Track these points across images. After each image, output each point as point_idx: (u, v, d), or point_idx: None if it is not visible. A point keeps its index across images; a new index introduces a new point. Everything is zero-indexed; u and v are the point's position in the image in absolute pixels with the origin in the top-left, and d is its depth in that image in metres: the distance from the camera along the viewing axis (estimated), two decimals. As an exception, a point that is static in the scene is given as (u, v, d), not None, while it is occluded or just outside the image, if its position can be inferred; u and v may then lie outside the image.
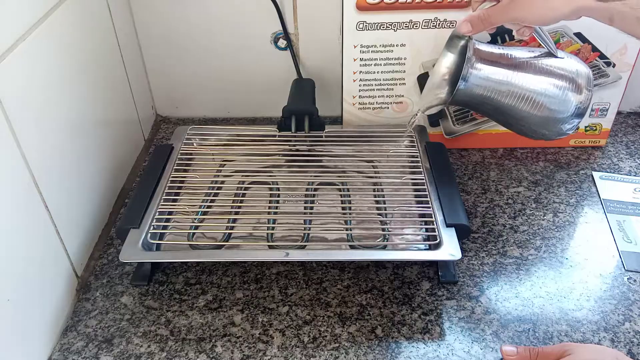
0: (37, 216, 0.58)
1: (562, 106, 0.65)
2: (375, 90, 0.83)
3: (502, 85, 0.65)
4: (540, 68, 0.65)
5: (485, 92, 0.66)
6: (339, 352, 0.59)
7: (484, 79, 0.65)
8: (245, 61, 0.91)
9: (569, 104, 0.65)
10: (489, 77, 0.65)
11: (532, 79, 0.65)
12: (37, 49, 0.59)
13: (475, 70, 0.65)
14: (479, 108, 0.71)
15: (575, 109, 0.65)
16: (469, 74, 0.64)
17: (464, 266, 0.68)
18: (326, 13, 0.84)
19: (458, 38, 0.68)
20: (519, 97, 0.65)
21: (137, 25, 0.88)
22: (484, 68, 0.65)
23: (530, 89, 0.65)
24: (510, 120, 0.69)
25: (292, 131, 0.81)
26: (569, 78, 0.65)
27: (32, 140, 0.57)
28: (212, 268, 0.68)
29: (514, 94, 0.65)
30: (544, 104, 0.65)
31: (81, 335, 0.61)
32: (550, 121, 0.67)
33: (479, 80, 0.65)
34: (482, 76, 0.65)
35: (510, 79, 0.65)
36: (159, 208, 0.69)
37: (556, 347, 0.55)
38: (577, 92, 0.65)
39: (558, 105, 0.65)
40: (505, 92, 0.65)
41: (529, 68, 0.65)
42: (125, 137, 0.84)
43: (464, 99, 0.67)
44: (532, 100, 0.65)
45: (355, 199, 0.75)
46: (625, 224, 0.74)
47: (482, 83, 0.65)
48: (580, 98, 0.65)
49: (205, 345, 0.60)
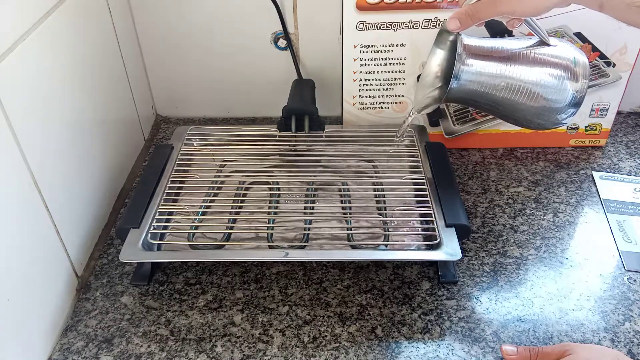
0: (37, 216, 0.58)
1: (559, 95, 0.63)
2: (375, 90, 0.83)
3: (496, 78, 0.63)
4: (534, 58, 0.63)
5: (479, 87, 0.64)
6: (339, 352, 0.59)
7: (477, 74, 0.63)
8: (245, 61, 0.91)
9: (566, 92, 0.63)
10: (482, 72, 0.63)
11: (527, 70, 0.63)
12: (37, 49, 0.59)
13: (466, 67, 0.63)
14: (475, 103, 0.69)
15: (572, 98, 0.63)
16: (461, 71, 0.63)
17: (464, 266, 0.68)
18: (326, 13, 0.84)
19: (447, 33, 0.66)
20: (514, 89, 0.63)
21: (137, 25, 0.88)
22: (475, 63, 0.63)
23: (525, 80, 0.63)
24: (505, 112, 0.67)
25: (292, 131, 0.81)
26: (565, 66, 0.63)
27: (32, 140, 0.57)
28: (212, 268, 0.68)
29: (508, 86, 0.63)
30: (540, 94, 0.63)
31: (81, 335, 0.61)
32: (547, 111, 0.65)
33: (471, 75, 0.63)
34: (474, 71, 0.63)
35: (504, 72, 0.63)
36: (159, 208, 0.69)
37: (556, 347, 0.55)
38: (574, 80, 0.63)
39: (555, 95, 0.63)
40: (500, 85, 0.63)
41: (523, 59, 0.63)
42: (125, 137, 0.84)
43: (459, 96, 0.65)
44: (528, 91, 0.63)
45: (355, 199, 0.75)
46: (625, 224, 0.74)
47: (475, 78, 0.63)
48: (577, 86, 0.63)
49: (205, 345, 0.60)
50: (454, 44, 0.65)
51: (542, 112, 0.65)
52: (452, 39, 0.66)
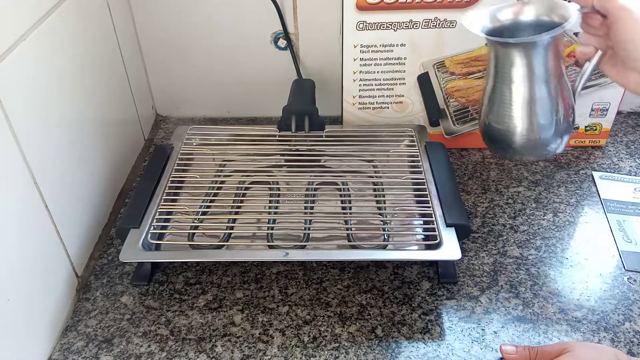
0: (37, 216, 0.58)
1: (546, 128, 0.63)
2: (375, 90, 0.83)
3: (533, 77, 0.61)
4: (554, 90, 0.62)
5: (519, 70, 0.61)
6: (339, 352, 0.59)
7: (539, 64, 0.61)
8: (245, 61, 0.91)
9: (551, 130, 0.63)
10: (543, 64, 0.60)
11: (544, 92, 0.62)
12: (37, 49, 0.59)
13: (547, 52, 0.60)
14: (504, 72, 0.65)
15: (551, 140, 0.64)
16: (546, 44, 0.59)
17: (464, 266, 0.68)
18: (326, 13, 0.84)
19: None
20: (523, 98, 0.62)
21: (137, 25, 0.88)
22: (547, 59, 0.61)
23: (535, 97, 0.62)
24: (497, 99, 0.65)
25: (292, 131, 0.81)
26: (557, 117, 0.63)
27: (32, 140, 0.57)
28: (212, 268, 0.68)
29: (524, 90, 0.62)
30: (534, 114, 0.63)
31: (81, 335, 0.61)
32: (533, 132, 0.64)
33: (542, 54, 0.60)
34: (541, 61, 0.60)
35: (539, 81, 0.61)
36: (159, 208, 0.69)
37: (555, 346, 0.56)
38: (556, 135, 0.63)
39: (543, 122, 0.63)
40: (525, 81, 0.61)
41: (551, 83, 0.62)
42: (125, 137, 0.84)
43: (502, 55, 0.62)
44: (529, 105, 0.62)
45: (355, 199, 0.75)
46: (625, 224, 0.74)
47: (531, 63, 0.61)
48: (553, 143, 0.64)
49: (205, 345, 0.60)
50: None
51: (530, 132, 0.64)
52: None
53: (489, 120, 0.66)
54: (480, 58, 0.80)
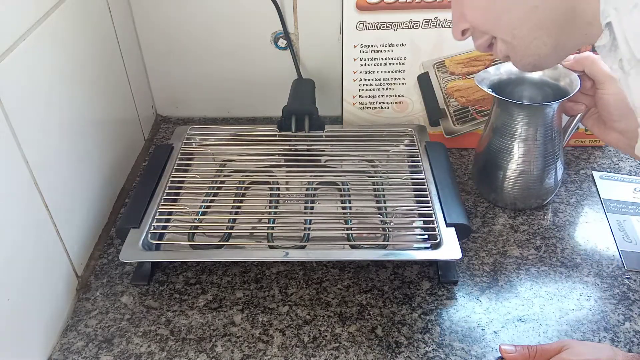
0: (37, 216, 0.58)
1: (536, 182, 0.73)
2: (375, 90, 0.83)
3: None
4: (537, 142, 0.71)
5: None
6: (339, 351, 0.59)
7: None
8: (245, 61, 0.91)
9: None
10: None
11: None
12: (37, 49, 0.59)
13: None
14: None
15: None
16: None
17: (464, 266, 0.68)
18: (326, 13, 0.84)
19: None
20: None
21: (137, 25, 0.88)
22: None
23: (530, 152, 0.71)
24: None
25: (292, 131, 0.81)
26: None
27: (32, 140, 0.57)
28: (212, 268, 0.68)
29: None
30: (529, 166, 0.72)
31: (81, 335, 0.61)
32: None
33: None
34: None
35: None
36: (159, 208, 0.69)
37: (554, 344, 0.56)
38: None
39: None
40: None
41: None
42: (125, 137, 0.84)
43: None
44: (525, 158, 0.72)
45: (355, 199, 0.75)
46: (625, 224, 0.74)
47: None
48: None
49: (206, 345, 0.60)
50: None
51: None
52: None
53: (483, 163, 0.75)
54: (480, 58, 0.80)
